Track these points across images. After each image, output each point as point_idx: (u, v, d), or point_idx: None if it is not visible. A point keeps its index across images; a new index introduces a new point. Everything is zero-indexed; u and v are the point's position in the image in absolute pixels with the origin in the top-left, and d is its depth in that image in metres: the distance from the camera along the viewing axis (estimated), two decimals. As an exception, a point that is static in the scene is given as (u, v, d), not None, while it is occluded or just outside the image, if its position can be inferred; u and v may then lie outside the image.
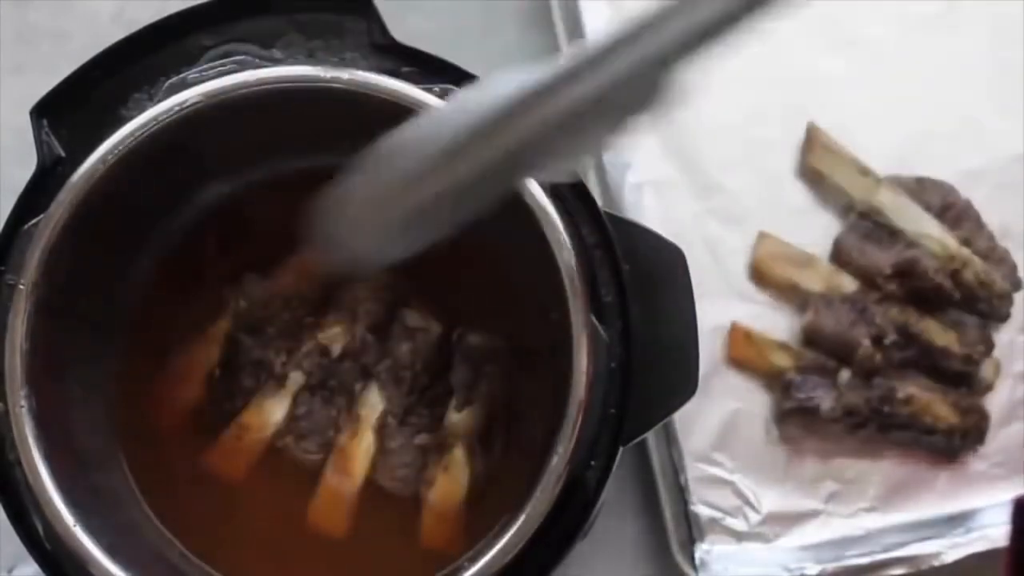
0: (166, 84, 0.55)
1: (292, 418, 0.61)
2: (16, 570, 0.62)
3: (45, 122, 0.54)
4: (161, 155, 0.55)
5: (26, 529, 0.53)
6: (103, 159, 0.53)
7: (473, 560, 0.52)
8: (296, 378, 0.61)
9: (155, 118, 0.54)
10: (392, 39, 0.56)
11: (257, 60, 0.55)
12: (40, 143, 0.54)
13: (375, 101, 0.54)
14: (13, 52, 0.71)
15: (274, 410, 0.60)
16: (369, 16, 0.56)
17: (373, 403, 0.60)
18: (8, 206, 0.54)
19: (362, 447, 0.60)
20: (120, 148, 0.53)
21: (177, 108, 0.54)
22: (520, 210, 0.53)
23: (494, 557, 0.51)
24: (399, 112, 0.54)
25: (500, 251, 0.60)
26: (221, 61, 0.55)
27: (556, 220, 0.53)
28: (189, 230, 0.61)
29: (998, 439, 0.68)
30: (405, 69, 0.55)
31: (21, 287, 0.52)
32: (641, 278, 0.55)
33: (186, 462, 0.61)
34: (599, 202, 0.56)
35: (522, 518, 0.51)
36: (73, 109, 0.55)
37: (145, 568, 0.53)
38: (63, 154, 0.54)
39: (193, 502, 0.61)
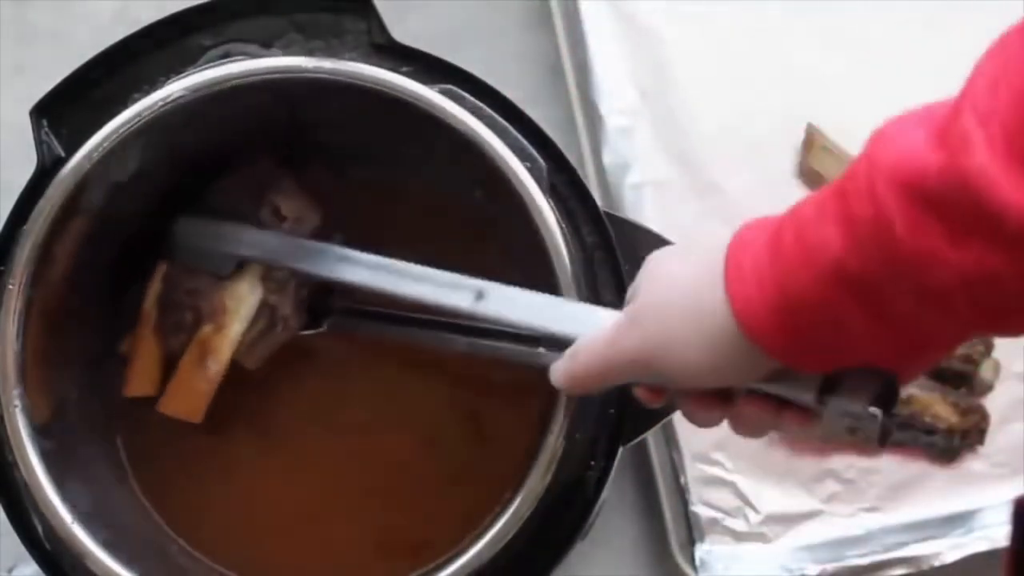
0: (166, 84, 0.55)
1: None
2: (16, 570, 0.62)
3: (45, 122, 0.54)
4: (148, 150, 0.55)
5: (26, 529, 0.53)
6: (88, 156, 0.53)
7: (464, 551, 0.52)
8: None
9: (139, 114, 0.54)
10: (392, 39, 0.56)
11: (257, 60, 0.55)
12: (40, 143, 0.54)
13: (378, 95, 0.54)
14: (13, 52, 0.71)
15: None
16: (369, 16, 0.56)
17: (241, 295, 0.59)
18: (8, 206, 0.54)
19: (227, 338, 0.58)
20: (106, 145, 0.53)
21: (160, 103, 0.54)
22: (520, 212, 0.54)
23: (484, 547, 0.51)
24: (400, 107, 0.54)
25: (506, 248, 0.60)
26: (221, 61, 0.55)
27: (553, 224, 0.53)
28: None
29: (998, 439, 0.68)
30: (404, 69, 0.55)
31: (11, 287, 0.52)
32: (641, 278, 0.55)
33: (185, 455, 0.61)
34: (599, 202, 0.56)
35: (514, 505, 0.51)
36: (73, 109, 0.55)
37: (143, 563, 0.54)
38: (63, 154, 0.54)
39: (191, 495, 0.61)
